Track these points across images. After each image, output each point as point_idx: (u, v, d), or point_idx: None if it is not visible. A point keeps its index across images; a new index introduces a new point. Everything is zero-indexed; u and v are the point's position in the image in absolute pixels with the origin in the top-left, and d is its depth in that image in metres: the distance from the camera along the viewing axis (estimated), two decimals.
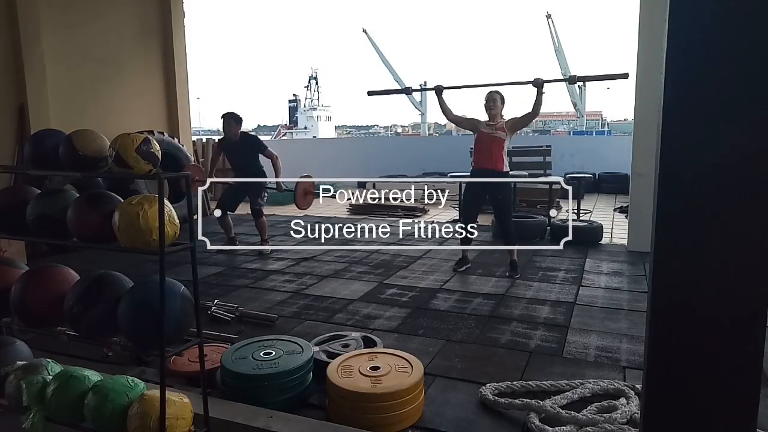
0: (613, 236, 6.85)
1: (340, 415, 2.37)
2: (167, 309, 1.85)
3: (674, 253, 1.07)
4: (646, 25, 5.40)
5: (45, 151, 2.12)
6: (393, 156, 15.26)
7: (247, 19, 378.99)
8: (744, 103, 0.98)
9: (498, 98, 4.76)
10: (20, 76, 6.13)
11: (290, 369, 2.51)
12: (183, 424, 1.91)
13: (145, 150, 1.93)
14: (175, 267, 4.61)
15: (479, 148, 4.85)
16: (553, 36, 41.60)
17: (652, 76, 4.77)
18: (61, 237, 2.10)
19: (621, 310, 3.87)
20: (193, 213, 2.93)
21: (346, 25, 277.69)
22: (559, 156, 11.96)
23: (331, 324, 3.65)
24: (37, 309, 2.11)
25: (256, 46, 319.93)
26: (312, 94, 59.71)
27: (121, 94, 7.50)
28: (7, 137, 6.07)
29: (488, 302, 4.08)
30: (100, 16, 7.27)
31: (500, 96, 4.78)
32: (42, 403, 2.03)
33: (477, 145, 4.88)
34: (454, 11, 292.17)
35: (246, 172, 5.79)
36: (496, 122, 4.76)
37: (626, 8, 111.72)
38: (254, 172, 5.79)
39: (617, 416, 2.30)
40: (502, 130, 4.74)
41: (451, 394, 2.65)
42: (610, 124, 55.30)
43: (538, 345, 3.26)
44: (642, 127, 5.59)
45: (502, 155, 4.78)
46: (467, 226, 5.01)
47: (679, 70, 1.02)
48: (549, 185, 7.65)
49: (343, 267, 5.25)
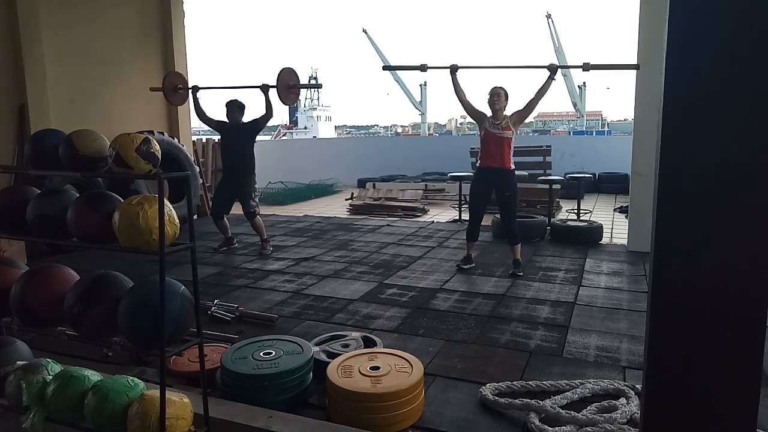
0: (613, 236, 6.85)
1: (340, 415, 2.37)
2: (167, 309, 1.85)
3: (674, 253, 1.07)
4: (646, 25, 5.40)
5: (45, 151, 2.12)
6: (393, 156, 15.25)
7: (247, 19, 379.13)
8: (744, 103, 0.98)
9: (502, 93, 4.75)
10: (20, 76, 6.14)
11: (290, 369, 2.51)
12: (183, 424, 1.91)
13: (145, 150, 1.93)
14: (175, 267, 4.64)
15: (486, 147, 4.86)
16: (553, 36, 41.58)
17: (652, 76, 4.78)
18: (61, 237, 2.10)
19: (621, 310, 3.87)
20: (193, 213, 2.94)
21: (346, 25, 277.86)
22: (559, 156, 11.96)
23: (331, 324, 3.65)
24: (37, 309, 2.11)
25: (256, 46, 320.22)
26: (312, 94, 59.70)
27: (121, 94, 7.50)
28: (7, 137, 6.07)
29: (488, 302, 4.08)
30: (100, 16, 7.27)
31: (504, 91, 4.77)
32: (42, 403, 2.03)
33: (483, 145, 4.89)
34: (454, 11, 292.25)
35: (236, 157, 5.81)
36: (502, 120, 4.76)
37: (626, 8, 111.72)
38: (245, 160, 5.80)
39: (617, 416, 2.30)
40: (508, 128, 4.74)
41: (451, 394, 2.65)
42: (610, 124, 55.30)
43: (538, 345, 3.27)
44: (642, 127, 5.59)
45: (509, 154, 4.80)
46: (474, 225, 5.01)
47: (679, 70, 1.02)
48: (549, 185, 7.64)
49: (343, 267, 5.25)
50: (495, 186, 4.86)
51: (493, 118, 4.78)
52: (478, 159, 5.11)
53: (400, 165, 14.32)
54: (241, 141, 5.78)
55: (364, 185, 11.60)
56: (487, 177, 4.88)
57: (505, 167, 4.78)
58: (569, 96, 45.39)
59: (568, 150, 13.30)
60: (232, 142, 5.85)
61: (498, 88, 4.76)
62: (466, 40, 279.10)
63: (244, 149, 5.79)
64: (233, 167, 5.86)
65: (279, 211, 9.54)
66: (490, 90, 4.77)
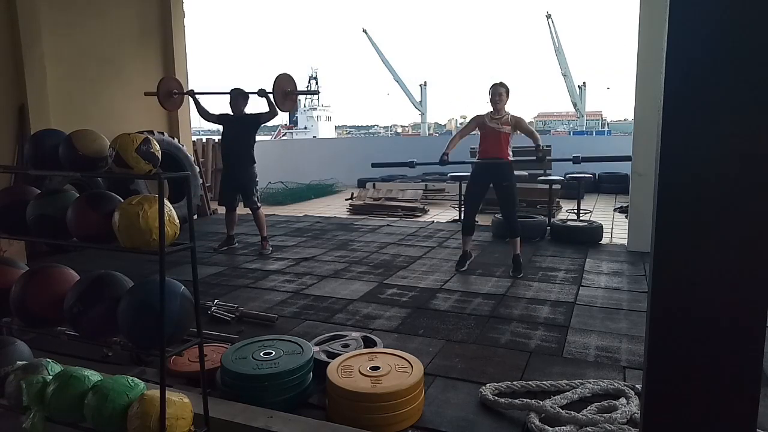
0: (613, 236, 6.85)
1: (340, 415, 2.37)
2: (167, 309, 1.85)
3: (674, 254, 1.07)
4: (646, 25, 5.40)
5: (45, 151, 2.12)
6: (393, 156, 15.19)
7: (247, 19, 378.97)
8: (744, 103, 0.98)
9: (504, 92, 4.80)
10: (20, 76, 6.14)
11: (290, 369, 2.51)
12: (183, 424, 1.91)
13: (145, 150, 1.93)
14: (175, 267, 4.64)
15: (484, 141, 4.91)
16: (553, 36, 41.62)
17: (652, 76, 4.77)
18: (61, 237, 2.10)
19: (621, 310, 3.87)
20: (193, 213, 2.94)
21: (346, 25, 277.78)
22: (559, 156, 11.95)
23: (331, 324, 3.65)
24: (37, 309, 2.11)
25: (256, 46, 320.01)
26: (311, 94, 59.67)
27: (121, 94, 7.50)
28: (7, 137, 6.07)
29: (488, 302, 4.07)
30: (100, 16, 7.27)
31: (506, 89, 4.82)
32: (42, 403, 2.03)
33: (482, 139, 4.95)
34: (454, 11, 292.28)
35: (237, 148, 5.83)
36: (502, 116, 4.80)
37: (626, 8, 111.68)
38: (245, 151, 5.81)
39: (617, 416, 2.30)
40: (507, 124, 4.80)
41: (451, 394, 2.65)
42: (610, 124, 55.29)
43: (538, 345, 3.26)
44: (642, 127, 5.58)
45: (507, 148, 4.86)
46: (469, 216, 5.02)
47: (679, 70, 1.02)
48: (549, 185, 7.64)
49: (343, 267, 5.25)
50: (493, 176, 4.88)
51: (494, 113, 4.82)
52: (477, 154, 5.13)
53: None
54: (243, 132, 5.80)
55: (364, 185, 11.60)
56: (485, 168, 4.91)
57: (503, 157, 4.83)
58: (569, 96, 45.41)
59: (568, 150, 13.28)
60: (233, 134, 5.86)
61: (499, 86, 4.81)
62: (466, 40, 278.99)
63: (244, 140, 5.81)
64: (233, 158, 5.87)
65: (279, 211, 9.53)
66: (491, 88, 4.82)
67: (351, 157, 15.38)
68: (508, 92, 4.83)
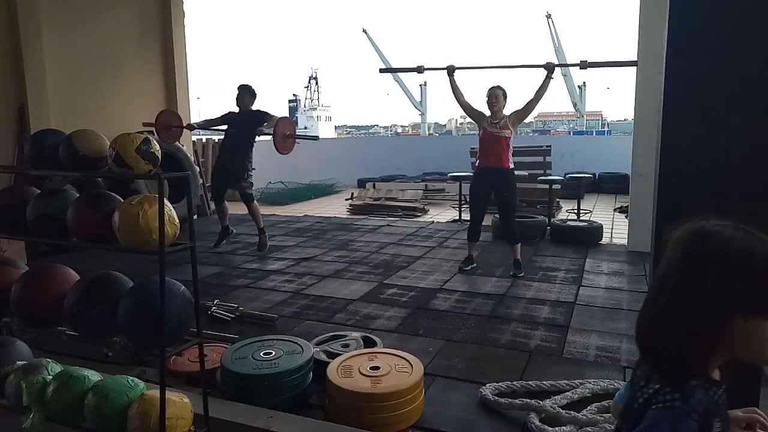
0: (613, 236, 6.85)
1: (340, 415, 2.37)
2: (167, 309, 1.85)
3: None
4: (646, 26, 5.40)
5: (45, 151, 2.12)
6: (393, 156, 15.26)
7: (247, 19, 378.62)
8: (744, 103, 0.98)
9: (500, 94, 4.73)
10: (20, 76, 6.13)
11: (290, 369, 2.51)
12: (183, 424, 1.91)
13: (145, 150, 1.93)
14: (175, 267, 4.61)
15: (484, 147, 4.85)
16: (553, 36, 41.58)
17: (652, 76, 4.77)
18: (61, 237, 2.10)
19: (621, 310, 3.87)
20: (193, 213, 2.93)
21: (346, 25, 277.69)
22: (559, 156, 11.97)
23: (331, 324, 3.65)
24: (37, 309, 2.11)
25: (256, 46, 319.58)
26: (312, 94, 59.74)
27: (121, 94, 7.49)
28: (7, 137, 6.07)
29: (488, 302, 4.07)
30: (100, 16, 7.26)
31: (502, 92, 4.75)
32: (42, 403, 2.03)
33: (482, 144, 4.88)
34: (454, 11, 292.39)
35: (234, 141, 5.84)
36: (500, 119, 4.75)
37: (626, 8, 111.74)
38: (242, 144, 5.82)
39: None
40: (506, 128, 4.73)
41: (451, 394, 2.65)
42: (610, 124, 55.32)
43: (538, 345, 3.26)
44: (642, 127, 5.58)
45: (508, 153, 4.78)
46: (475, 224, 5.01)
47: (679, 70, 1.02)
48: (549, 185, 7.64)
49: (343, 267, 5.25)
50: (493, 186, 4.85)
51: (492, 118, 4.78)
52: (477, 159, 5.11)
53: (400, 165, 14.32)
54: (245, 127, 5.79)
55: (364, 185, 11.61)
56: (485, 177, 4.87)
57: (504, 167, 4.77)
58: (569, 96, 45.41)
59: (568, 150, 13.30)
60: (235, 128, 5.84)
61: (496, 89, 4.74)
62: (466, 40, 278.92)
63: (245, 135, 5.80)
64: (231, 150, 5.87)
65: (279, 211, 9.54)
66: (488, 91, 4.76)
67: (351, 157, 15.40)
68: (505, 95, 4.75)
